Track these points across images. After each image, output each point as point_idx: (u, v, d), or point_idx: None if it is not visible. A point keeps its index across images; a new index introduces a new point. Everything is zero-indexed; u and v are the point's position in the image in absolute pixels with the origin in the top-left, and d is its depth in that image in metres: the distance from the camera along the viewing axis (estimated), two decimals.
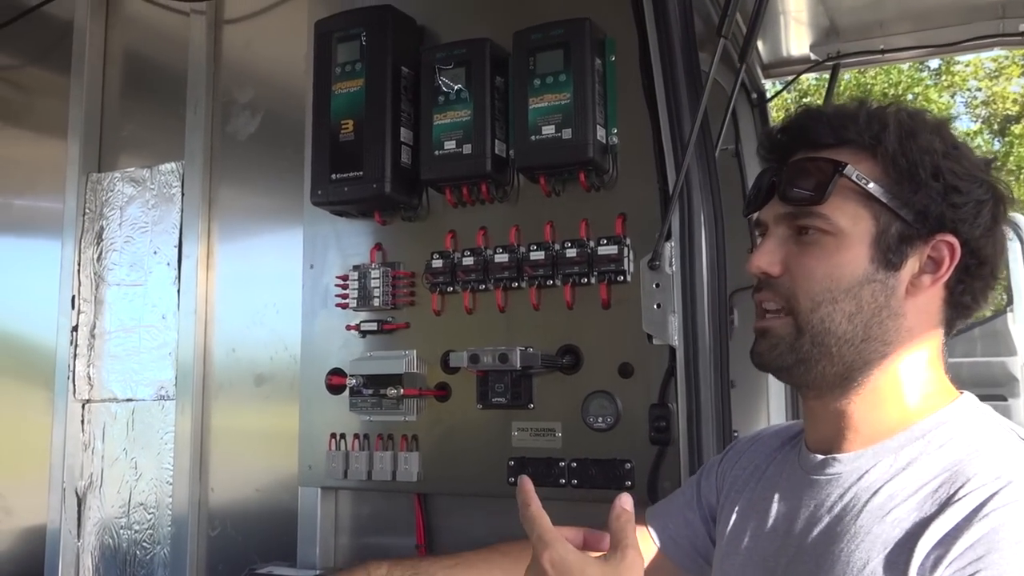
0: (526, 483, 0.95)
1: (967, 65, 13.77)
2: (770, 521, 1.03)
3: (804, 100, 14.08)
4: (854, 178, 0.93)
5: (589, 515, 1.65)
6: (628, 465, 1.59)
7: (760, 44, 2.91)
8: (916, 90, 13.46)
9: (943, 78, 13.87)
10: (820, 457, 0.99)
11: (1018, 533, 0.78)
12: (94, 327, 2.31)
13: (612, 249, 1.61)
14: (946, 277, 0.94)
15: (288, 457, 1.94)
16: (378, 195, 1.75)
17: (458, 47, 1.75)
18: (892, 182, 0.93)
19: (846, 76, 13.67)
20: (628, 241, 1.63)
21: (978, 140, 14.14)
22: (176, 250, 2.20)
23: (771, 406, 2.43)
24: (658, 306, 1.56)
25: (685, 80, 1.60)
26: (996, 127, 14.23)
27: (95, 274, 2.32)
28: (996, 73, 14.09)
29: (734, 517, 1.10)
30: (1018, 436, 0.92)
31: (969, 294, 0.97)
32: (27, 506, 2.38)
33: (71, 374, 2.29)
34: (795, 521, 0.99)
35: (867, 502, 0.92)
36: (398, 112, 1.78)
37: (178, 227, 2.20)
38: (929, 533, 0.83)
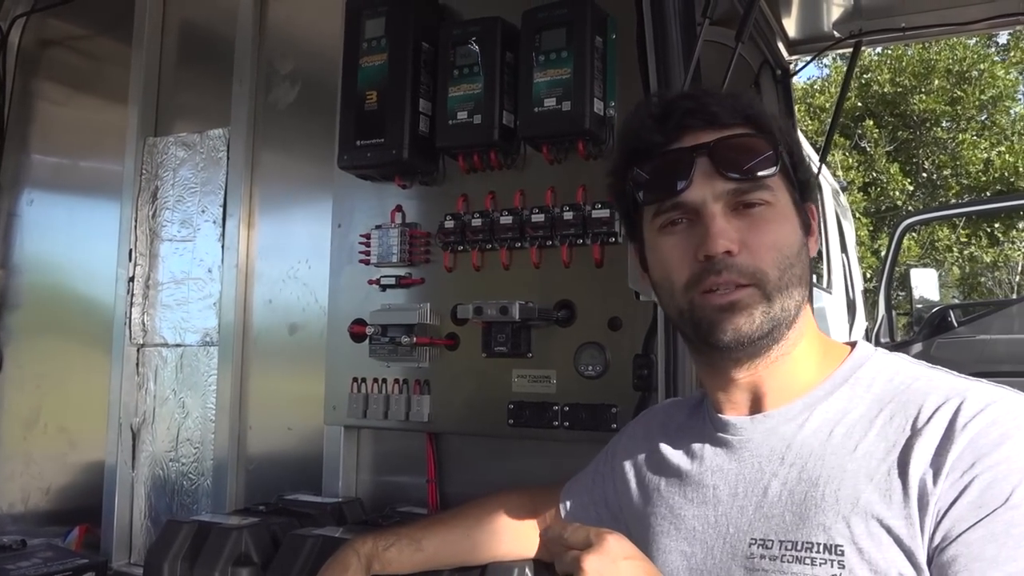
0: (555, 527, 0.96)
1: None
2: (712, 491, 1.05)
3: (866, 76, 13.80)
4: (783, 153, 1.02)
5: (579, 453, 1.82)
6: (614, 410, 1.74)
7: (786, 21, 2.98)
8: (982, 66, 13.10)
9: (1011, 54, 13.43)
10: (746, 418, 1.05)
11: (995, 435, 0.88)
12: (148, 278, 2.53)
13: (605, 213, 1.75)
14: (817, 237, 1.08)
15: (316, 399, 2.13)
16: (396, 160, 1.91)
17: (473, 25, 1.89)
18: (788, 156, 1.04)
19: (908, 51, 13.34)
20: None
21: None
22: (221, 209, 2.40)
23: None
24: None
25: (682, 56, 1.72)
26: None
27: (150, 230, 2.54)
28: None
29: (661, 498, 1.12)
30: (926, 365, 1.03)
31: (816, 252, 1.10)
32: (88, 441, 2.63)
33: (128, 321, 2.52)
34: (742, 482, 1.03)
35: (825, 444, 0.97)
36: (417, 84, 1.94)
37: (223, 188, 2.41)
38: (916, 455, 0.90)
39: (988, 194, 13.02)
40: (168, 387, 2.47)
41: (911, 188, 13.70)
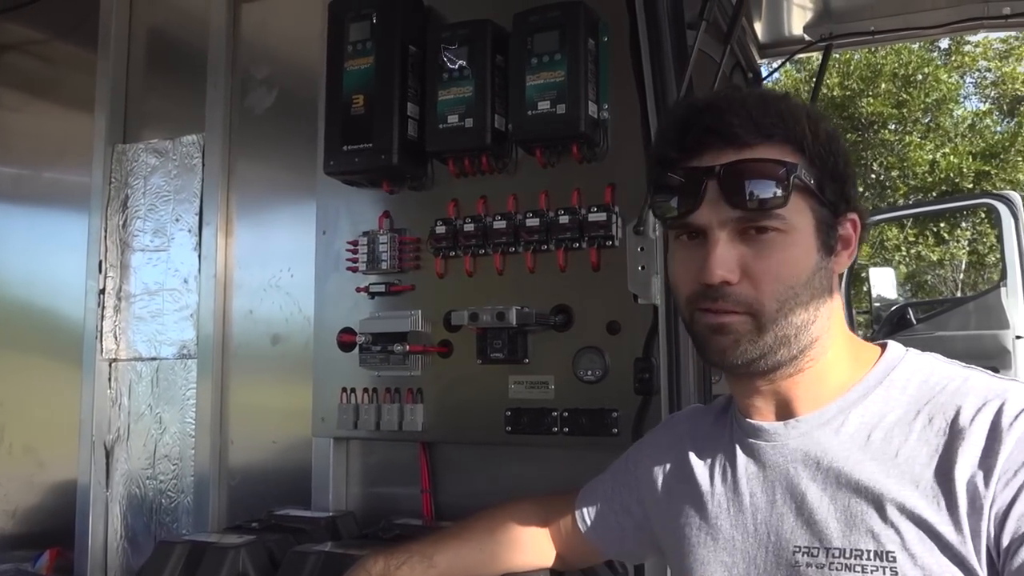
0: None
1: (976, 46, 13.76)
2: (748, 498, 1.03)
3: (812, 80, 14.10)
4: (803, 177, 0.96)
5: (579, 459, 1.81)
6: (615, 414, 1.73)
7: (757, 25, 3.02)
8: (926, 69, 13.47)
9: (953, 58, 13.84)
10: (777, 423, 1.02)
11: None
12: (120, 290, 2.45)
13: (602, 216, 1.74)
14: (857, 250, 1.03)
15: (302, 411, 2.08)
16: (386, 165, 1.88)
17: (462, 28, 1.87)
18: (817, 172, 0.97)
19: (855, 56, 13.65)
20: (616, 209, 1.76)
21: (987, 121, 14.16)
22: (197, 218, 2.34)
23: None
24: (642, 268, 1.69)
25: (673, 58, 1.72)
26: (1006, 108, 14.23)
27: (121, 240, 2.46)
28: (1006, 54, 14.06)
29: (694, 508, 1.09)
30: (960, 365, 1.00)
31: (849, 264, 1.05)
32: (57, 461, 2.53)
33: (99, 335, 2.44)
34: (779, 489, 1.00)
35: (864, 449, 0.95)
36: (405, 88, 1.90)
37: (199, 196, 2.34)
38: (962, 459, 0.89)
39: (934, 194, 13.38)
40: (143, 402, 2.39)
41: (861, 189, 13.99)
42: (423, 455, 1.96)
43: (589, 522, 1.30)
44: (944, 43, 13.61)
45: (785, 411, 1.03)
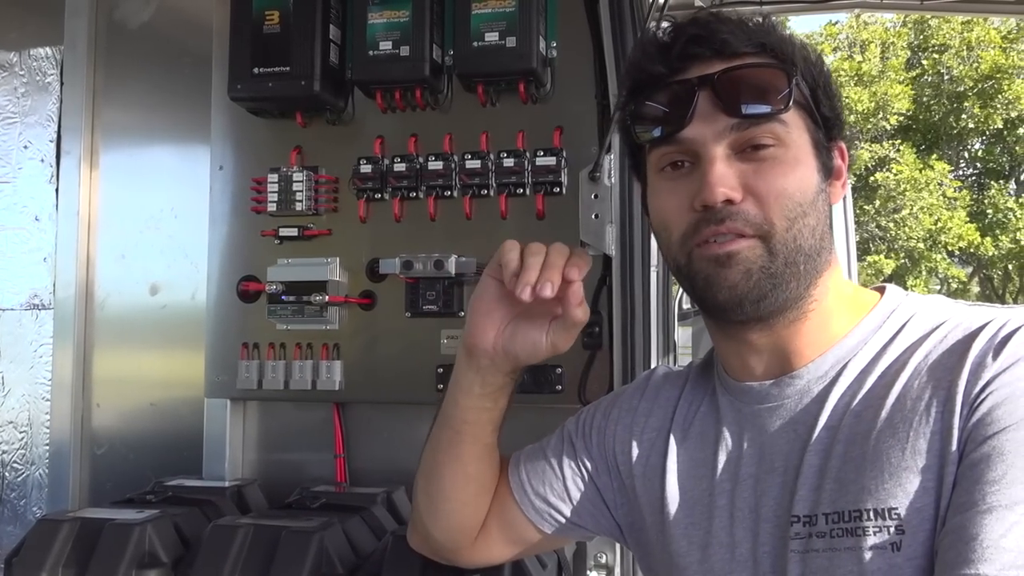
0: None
1: None
2: (744, 469, 0.95)
3: None
4: (801, 87, 0.89)
5: (519, 418, 1.70)
6: (559, 370, 1.64)
7: None
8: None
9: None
10: (768, 383, 0.94)
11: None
12: None
13: (550, 160, 1.64)
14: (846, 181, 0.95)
15: (189, 369, 1.85)
16: (307, 93, 1.67)
17: None
18: (810, 87, 0.91)
19: None
20: (565, 154, 1.66)
21: None
22: (53, 145, 2.00)
23: None
24: (596, 216, 1.61)
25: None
26: None
27: None
28: None
29: (676, 479, 1.01)
30: (964, 303, 0.92)
31: (841, 197, 0.97)
32: None
33: None
34: (779, 456, 0.92)
35: (861, 402, 0.88)
36: (328, 7, 1.70)
37: (55, 120, 2.00)
38: (958, 395, 0.81)
39: None
40: None
41: None
42: (337, 417, 1.79)
43: (529, 485, 1.13)
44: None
45: (782, 367, 0.94)
